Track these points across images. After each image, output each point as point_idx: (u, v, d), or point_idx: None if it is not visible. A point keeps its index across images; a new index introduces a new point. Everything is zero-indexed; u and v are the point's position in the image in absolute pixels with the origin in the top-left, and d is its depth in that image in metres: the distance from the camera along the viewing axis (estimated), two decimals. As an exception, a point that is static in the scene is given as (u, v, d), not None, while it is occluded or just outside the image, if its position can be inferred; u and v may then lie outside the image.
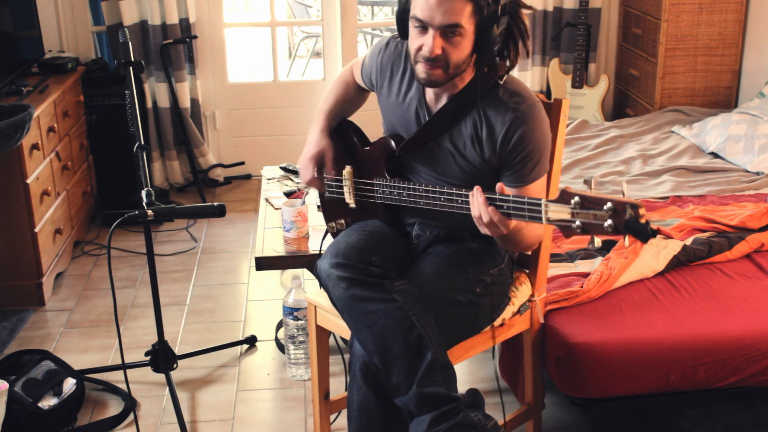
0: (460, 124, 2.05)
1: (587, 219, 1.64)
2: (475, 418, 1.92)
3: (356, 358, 2.01)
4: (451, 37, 1.92)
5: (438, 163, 2.11)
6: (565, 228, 1.69)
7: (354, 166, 2.23)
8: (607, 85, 4.57)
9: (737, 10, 4.16)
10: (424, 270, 2.09)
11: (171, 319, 3.27)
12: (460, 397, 1.93)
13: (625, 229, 1.59)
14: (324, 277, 2.04)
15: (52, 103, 3.59)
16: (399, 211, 2.21)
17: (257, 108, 4.71)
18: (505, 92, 2.00)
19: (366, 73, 2.26)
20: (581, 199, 1.65)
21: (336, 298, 2.01)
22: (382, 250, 2.07)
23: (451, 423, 1.89)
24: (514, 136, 1.98)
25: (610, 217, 1.60)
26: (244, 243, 3.98)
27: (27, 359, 2.73)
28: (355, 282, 1.97)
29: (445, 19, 1.89)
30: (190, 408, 2.74)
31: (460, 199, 1.93)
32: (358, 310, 1.96)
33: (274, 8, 4.69)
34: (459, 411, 1.90)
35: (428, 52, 1.92)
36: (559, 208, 1.69)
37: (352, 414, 2.03)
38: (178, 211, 2.45)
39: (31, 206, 3.28)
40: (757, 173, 3.40)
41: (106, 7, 4.26)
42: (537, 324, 2.30)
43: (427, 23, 1.91)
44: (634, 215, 1.58)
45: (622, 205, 1.59)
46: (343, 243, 2.07)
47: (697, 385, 2.26)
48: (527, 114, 1.99)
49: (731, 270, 2.58)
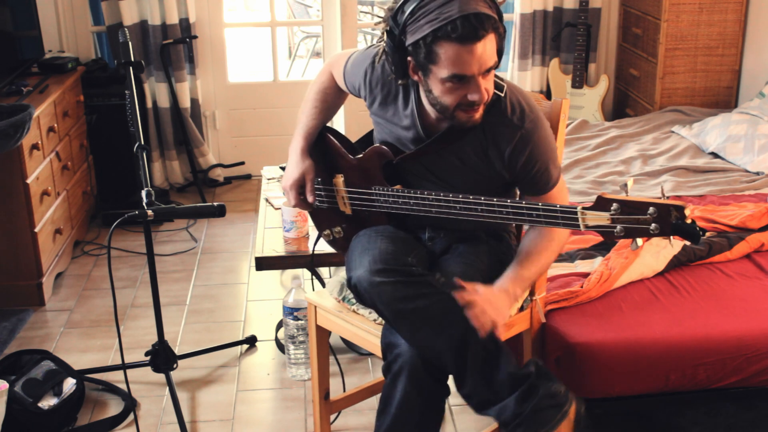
0: (463, 140, 2.01)
1: (630, 224, 1.64)
2: (553, 388, 1.91)
3: (402, 358, 1.96)
4: (488, 75, 1.88)
5: (441, 170, 2.08)
6: (606, 233, 1.69)
7: (344, 174, 2.20)
8: (607, 85, 4.57)
9: (737, 10, 4.16)
10: (453, 271, 2.06)
11: (171, 319, 3.27)
12: (531, 371, 1.92)
13: (674, 231, 1.60)
14: (366, 286, 1.96)
15: (52, 103, 3.59)
16: (404, 217, 2.17)
17: (257, 108, 4.71)
18: (508, 106, 1.98)
19: (350, 84, 2.19)
20: (621, 204, 1.65)
21: (384, 305, 1.95)
22: (412, 251, 2.06)
23: (536, 400, 1.88)
24: (524, 153, 1.97)
25: (655, 221, 1.61)
26: (244, 243, 3.98)
27: (27, 359, 2.73)
28: (401, 284, 1.93)
29: (487, 63, 1.84)
30: (190, 408, 2.74)
31: (480, 207, 1.91)
32: (411, 309, 1.92)
33: (274, 8, 4.69)
34: (537, 386, 1.89)
35: (482, 99, 1.87)
36: (597, 215, 1.69)
37: (387, 410, 2.00)
38: (178, 211, 2.45)
39: (31, 206, 3.28)
40: (757, 173, 3.40)
41: (106, 7, 4.26)
42: (537, 324, 2.30)
43: (470, 76, 1.84)
44: (680, 216, 1.58)
45: (666, 208, 1.59)
46: (375, 250, 2.02)
47: (697, 385, 2.26)
48: (532, 130, 1.97)
49: (731, 270, 2.58)
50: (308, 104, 2.30)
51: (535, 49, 4.59)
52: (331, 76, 2.28)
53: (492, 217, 1.91)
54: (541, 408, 1.88)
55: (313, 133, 2.27)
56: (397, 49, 1.89)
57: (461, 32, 1.78)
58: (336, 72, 2.25)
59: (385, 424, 2.00)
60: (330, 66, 2.29)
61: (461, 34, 1.78)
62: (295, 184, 2.23)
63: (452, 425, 2.62)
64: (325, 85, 2.30)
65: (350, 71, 2.18)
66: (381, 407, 2.01)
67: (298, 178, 2.23)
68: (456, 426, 2.61)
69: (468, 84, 1.85)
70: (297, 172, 2.23)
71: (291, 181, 2.24)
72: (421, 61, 1.86)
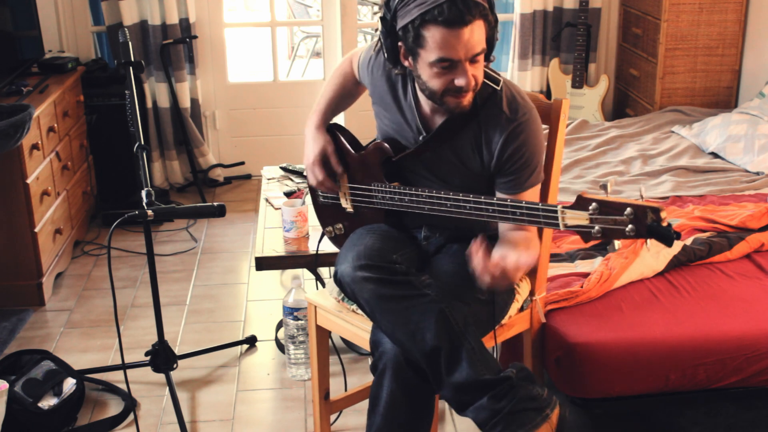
0: (460, 134, 2.04)
1: (607, 224, 1.63)
2: (533, 390, 1.90)
3: (386, 356, 1.98)
4: (476, 62, 1.90)
5: (438, 168, 2.10)
6: (584, 233, 1.68)
7: (347, 170, 2.22)
8: (607, 85, 4.57)
9: (737, 10, 4.16)
10: (444, 269, 2.07)
11: (171, 319, 3.27)
12: (510, 374, 1.90)
13: (648, 233, 1.58)
14: (348, 281, 2.01)
15: (52, 103, 3.59)
16: (401, 215, 2.19)
17: (257, 108, 4.71)
18: (504, 99, 2.00)
19: (360, 72, 2.25)
20: (599, 204, 1.65)
21: (365, 301, 1.98)
22: (400, 250, 2.07)
23: (514, 401, 1.86)
24: (513, 145, 1.98)
25: (631, 222, 1.60)
26: (244, 243, 3.98)
27: (27, 359, 2.73)
28: (382, 281, 1.95)
29: (474, 49, 1.87)
30: (190, 408, 2.74)
31: (468, 205, 1.92)
32: (390, 308, 1.94)
33: (274, 8, 4.69)
34: (515, 386, 1.88)
35: (469, 85, 1.89)
36: (576, 215, 1.69)
37: (376, 410, 2.01)
38: (178, 211, 2.45)
39: (31, 206, 3.28)
40: (757, 173, 3.40)
41: (106, 7, 4.26)
42: (537, 324, 2.30)
43: (456, 61, 1.87)
44: (655, 219, 1.57)
45: (643, 209, 1.58)
46: (361, 246, 2.05)
47: (697, 385, 2.26)
48: (526, 123, 1.99)
49: (731, 270, 2.58)
50: (328, 86, 2.33)
51: (535, 49, 4.59)
52: (350, 63, 2.32)
53: (478, 214, 1.92)
54: (519, 409, 1.86)
55: (329, 112, 2.29)
56: (389, 33, 1.93)
57: (448, 16, 1.82)
58: (354, 60, 2.29)
59: (375, 424, 2.00)
60: (351, 54, 2.33)
61: (448, 17, 1.82)
62: (318, 158, 2.22)
63: (452, 425, 2.62)
64: (345, 71, 2.32)
65: (362, 62, 2.23)
66: (370, 407, 2.02)
67: (319, 152, 2.22)
68: (456, 426, 2.61)
69: (455, 69, 1.88)
70: (317, 147, 2.23)
71: (313, 157, 2.23)
72: (410, 45, 1.90)
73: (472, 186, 2.03)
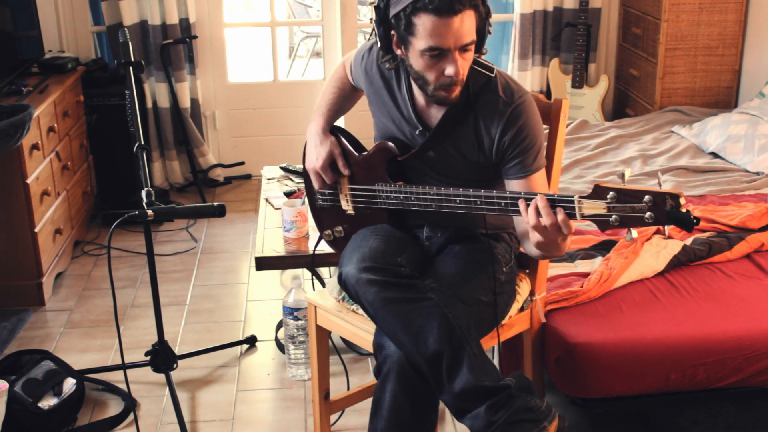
0: (460, 127, 2.04)
1: (625, 212, 1.64)
2: (531, 402, 1.90)
3: (390, 359, 1.97)
4: (466, 53, 1.92)
5: (442, 164, 2.10)
6: (601, 222, 1.68)
7: (349, 171, 2.22)
8: (607, 85, 4.57)
9: (737, 10, 4.16)
10: (446, 270, 2.07)
11: (171, 319, 3.27)
12: (509, 383, 1.90)
13: (668, 220, 1.59)
14: (353, 283, 2.00)
15: (52, 103, 3.59)
16: (404, 214, 2.19)
17: (257, 108, 4.71)
18: (499, 85, 2.02)
19: (354, 75, 2.26)
20: (617, 193, 1.65)
21: (368, 303, 1.98)
22: (404, 252, 2.07)
23: (510, 411, 1.86)
24: (513, 127, 1.99)
25: (650, 209, 1.60)
26: (244, 243, 3.98)
27: (27, 359, 2.73)
28: (386, 284, 1.95)
29: (463, 39, 1.88)
30: (190, 408, 2.74)
31: (479, 200, 1.92)
32: (393, 311, 1.93)
33: (274, 8, 4.69)
34: (513, 397, 1.88)
35: (457, 75, 1.90)
36: (593, 204, 1.69)
37: (379, 413, 2.00)
38: (178, 211, 2.45)
39: (31, 206, 3.28)
40: (757, 173, 3.40)
41: (106, 7, 4.26)
42: (537, 324, 2.30)
43: (446, 49, 1.88)
44: (674, 205, 1.58)
45: (662, 196, 1.59)
46: (366, 248, 2.04)
47: (697, 385, 2.26)
48: (523, 106, 2.01)
49: (731, 270, 2.58)
50: (327, 90, 2.34)
51: (535, 49, 4.59)
52: (344, 68, 2.34)
53: (489, 209, 1.92)
54: (515, 420, 1.86)
55: (331, 114, 2.29)
56: (382, 22, 1.95)
57: (438, 4, 1.84)
58: (347, 64, 2.31)
59: (379, 428, 2.00)
60: (345, 59, 2.35)
61: (438, 5, 1.84)
62: (325, 163, 2.22)
63: (452, 425, 2.62)
64: (341, 75, 2.34)
65: (353, 64, 2.24)
66: (373, 410, 2.02)
67: (327, 156, 2.22)
68: (456, 426, 2.61)
69: (445, 58, 1.90)
70: (324, 151, 2.22)
71: (321, 161, 2.22)
72: (402, 33, 1.91)
73: (476, 180, 2.04)
